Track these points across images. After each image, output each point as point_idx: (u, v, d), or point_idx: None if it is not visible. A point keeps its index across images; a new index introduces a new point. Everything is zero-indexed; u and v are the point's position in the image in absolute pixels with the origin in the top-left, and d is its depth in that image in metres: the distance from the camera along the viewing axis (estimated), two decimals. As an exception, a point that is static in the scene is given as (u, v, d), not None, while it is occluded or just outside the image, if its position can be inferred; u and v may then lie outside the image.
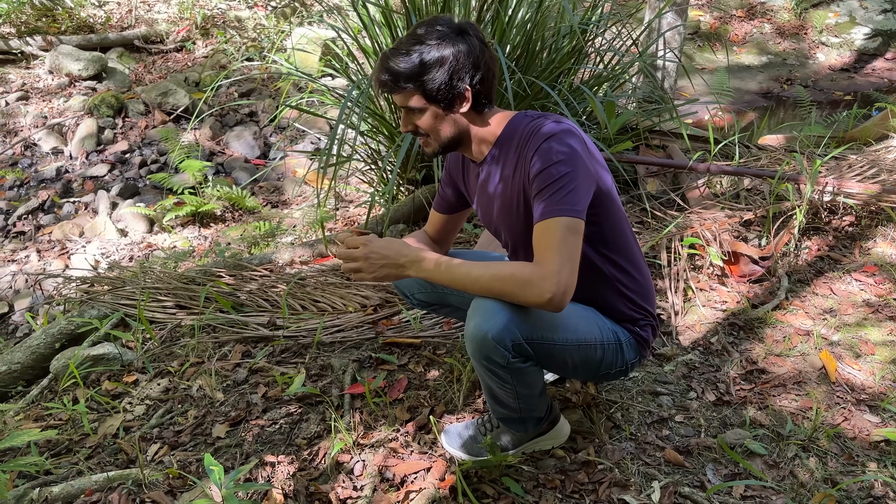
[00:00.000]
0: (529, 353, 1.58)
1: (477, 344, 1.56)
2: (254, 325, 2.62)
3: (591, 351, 1.68)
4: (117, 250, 4.21)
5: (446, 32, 1.56)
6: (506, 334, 1.52)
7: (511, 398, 1.71)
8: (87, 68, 6.25)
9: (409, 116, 1.63)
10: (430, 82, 1.56)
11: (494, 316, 1.52)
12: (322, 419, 2.13)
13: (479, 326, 1.54)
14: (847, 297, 2.75)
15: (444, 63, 1.55)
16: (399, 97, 1.60)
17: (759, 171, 3.35)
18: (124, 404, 2.30)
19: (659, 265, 2.86)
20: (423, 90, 1.57)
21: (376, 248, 1.60)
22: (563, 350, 1.63)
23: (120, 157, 5.45)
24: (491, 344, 1.53)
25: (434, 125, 1.62)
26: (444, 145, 1.66)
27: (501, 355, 1.55)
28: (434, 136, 1.64)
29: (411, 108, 1.60)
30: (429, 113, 1.60)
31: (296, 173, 5.15)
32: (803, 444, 1.98)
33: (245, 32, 7.18)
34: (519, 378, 1.63)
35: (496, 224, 1.78)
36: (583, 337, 1.66)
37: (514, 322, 1.53)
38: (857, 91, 7.51)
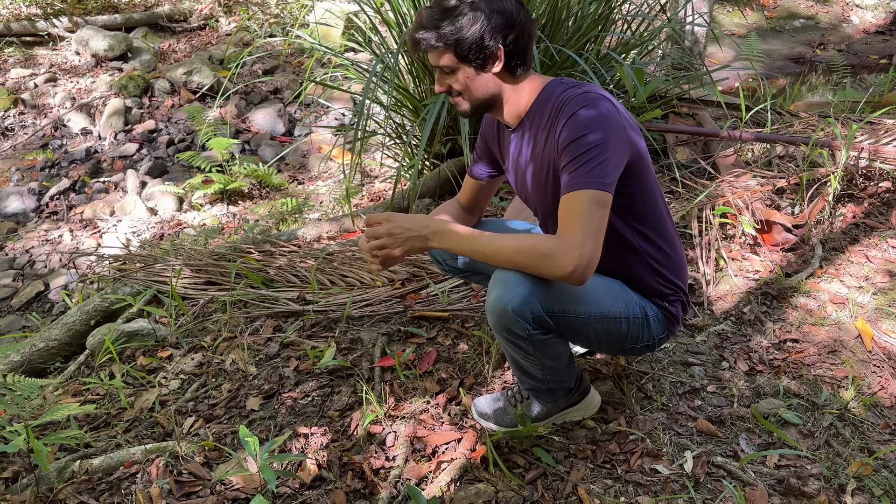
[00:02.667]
0: (550, 326, 1.57)
1: (497, 316, 1.55)
2: (284, 300, 2.64)
3: (615, 325, 1.66)
4: (147, 228, 4.27)
5: None
6: (526, 307, 1.52)
7: (537, 369, 1.70)
8: (112, 48, 6.29)
9: (442, 76, 1.63)
10: (462, 41, 1.54)
11: (515, 288, 1.52)
12: (353, 391, 2.14)
13: (499, 298, 1.53)
14: (883, 264, 2.69)
15: (477, 21, 1.53)
16: (433, 56, 1.59)
17: (792, 137, 3.28)
18: (159, 379, 2.34)
19: (690, 235, 2.82)
20: (455, 49, 1.56)
21: (399, 223, 1.60)
22: (585, 323, 1.62)
23: (147, 136, 5.50)
24: (511, 316, 1.53)
25: (466, 85, 1.60)
26: (476, 106, 1.65)
27: (522, 327, 1.54)
28: (467, 95, 1.63)
29: (444, 67, 1.59)
30: (461, 72, 1.59)
31: (321, 149, 5.16)
32: (839, 413, 1.95)
33: (268, 8, 7.17)
34: (542, 350, 1.62)
35: (528, 192, 1.76)
36: (606, 310, 1.64)
37: (535, 294, 1.52)
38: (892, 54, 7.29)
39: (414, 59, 3.52)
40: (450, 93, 1.65)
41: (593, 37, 3.53)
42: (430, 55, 1.60)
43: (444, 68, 1.60)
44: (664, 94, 3.85)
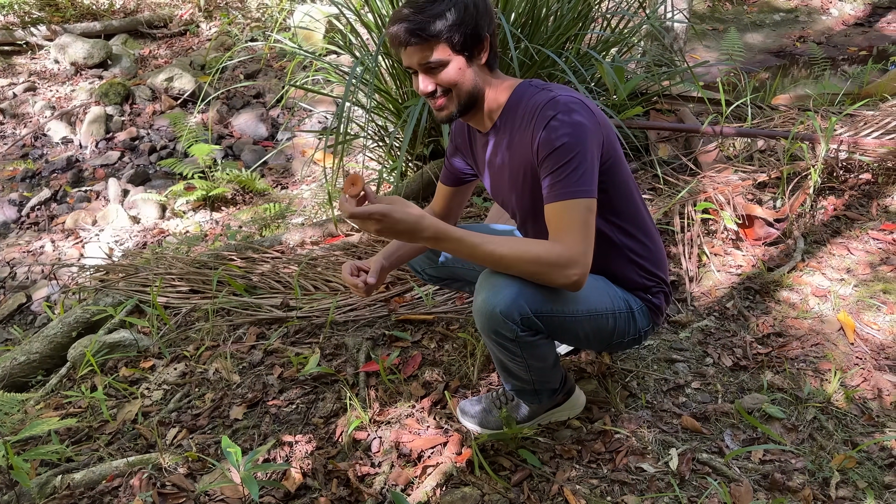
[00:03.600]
0: (539, 327, 1.57)
1: (485, 318, 1.55)
2: (267, 307, 2.63)
3: (602, 321, 1.66)
4: (130, 237, 4.23)
5: None
6: (514, 308, 1.51)
7: (523, 371, 1.70)
8: (92, 56, 6.24)
9: (429, 74, 1.55)
10: (459, 27, 1.50)
11: (502, 290, 1.51)
12: (338, 398, 2.13)
13: (487, 301, 1.53)
14: (864, 256, 2.71)
15: (468, 7, 1.51)
16: (422, 50, 1.51)
17: (772, 131, 3.29)
18: (142, 390, 2.32)
19: (672, 231, 2.83)
20: (450, 38, 1.51)
21: (393, 222, 1.46)
22: (573, 321, 1.62)
23: (129, 143, 5.46)
24: (499, 318, 1.52)
25: (457, 78, 1.54)
26: (463, 105, 1.59)
27: (510, 329, 1.54)
28: (456, 90, 1.56)
29: (434, 62, 1.52)
30: (453, 64, 1.53)
31: (304, 153, 5.14)
32: (822, 407, 1.96)
33: (248, 13, 7.13)
34: (529, 351, 1.62)
35: (504, 195, 1.75)
36: (593, 307, 1.64)
37: (523, 296, 1.52)
38: (872, 46, 7.35)
39: (395, 62, 3.51)
40: (433, 95, 1.57)
41: (573, 35, 3.53)
42: (420, 49, 1.51)
43: (433, 63, 1.52)
44: (645, 91, 3.85)
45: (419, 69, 1.55)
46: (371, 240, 3.10)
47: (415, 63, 1.54)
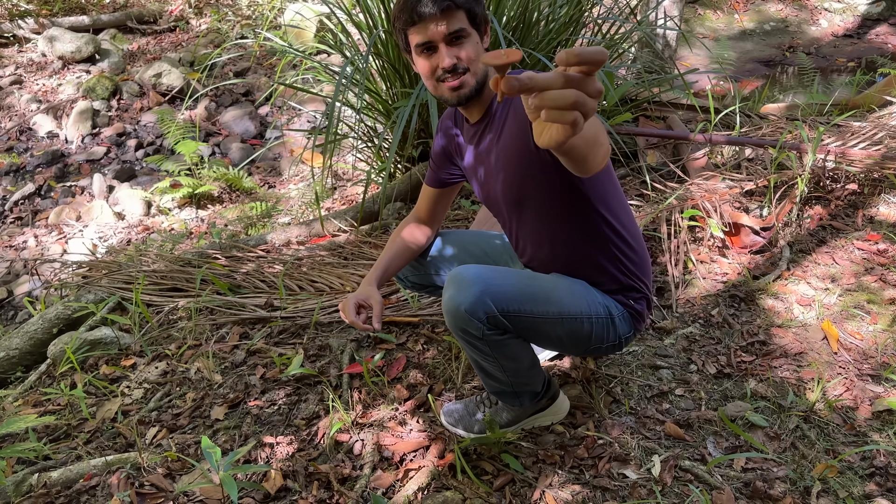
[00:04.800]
0: (506, 326, 1.55)
1: (451, 316, 1.54)
2: (251, 307, 2.60)
3: (576, 324, 1.64)
4: (114, 234, 4.19)
5: None
6: (478, 307, 1.50)
7: (498, 371, 1.69)
8: (80, 50, 6.19)
9: (451, 46, 1.53)
10: (476, 5, 1.51)
11: (468, 287, 1.50)
12: (321, 399, 2.12)
13: (452, 298, 1.52)
14: (849, 265, 2.72)
15: None
16: (448, 19, 1.50)
17: (760, 140, 3.31)
18: (122, 388, 2.29)
19: (659, 238, 2.83)
20: (470, 9, 1.51)
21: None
22: (544, 323, 1.60)
23: (116, 139, 5.42)
24: (464, 316, 1.51)
25: (478, 53, 1.54)
26: (479, 82, 1.57)
27: (476, 327, 1.53)
28: (474, 67, 1.55)
29: (459, 31, 1.51)
30: (473, 38, 1.54)
31: (293, 152, 5.11)
32: (805, 416, 1.96)
33: (239, 10, 7.10)
34: (499, 350, 1.61)
35: (491, 187, 1.71)
36: (566, 310, 1.62)
37: (488, 294, 1.50)
38: (860, 57, 7.41)
39: (385, 62, 3.50)
40: (454, 71, 1.54)
41: (564, 40, 3.53)
42: (445, 18, 1.50)
43: (456, 33, 1.51)
44: (635, 98, 3.86)
45: (443, 41, 1.52)
46: (358, 240, 3.09)
47: (439, 33, 1.50)
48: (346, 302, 1.75)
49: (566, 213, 1.61)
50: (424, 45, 1.54)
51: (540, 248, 1.72)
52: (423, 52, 1.56)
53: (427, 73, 1.57)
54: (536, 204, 1.61)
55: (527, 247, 1.75)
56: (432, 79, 1.58)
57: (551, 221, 1.64)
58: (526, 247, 1.75)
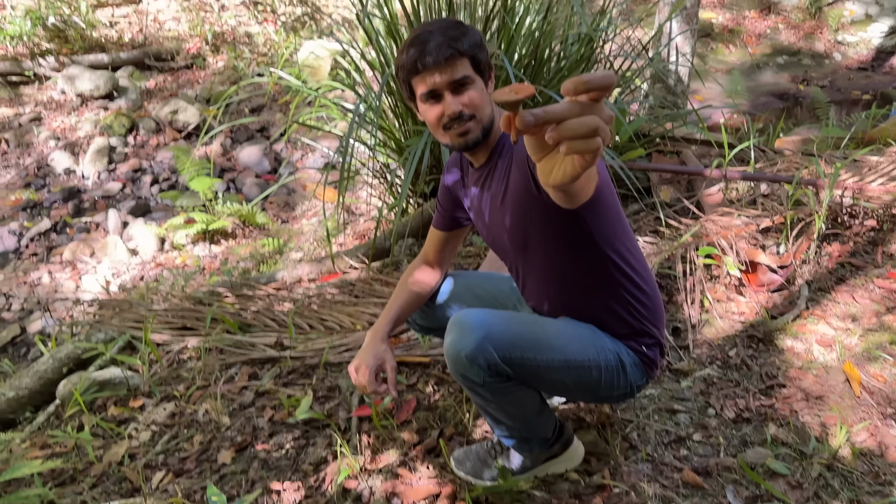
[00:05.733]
0: (508, 373, 1.51)
1: (452, 362, 1.51)
2: (261, 346, 2.58)
3: (584, 372, 1.59)
4: (128, 269, 4.21)
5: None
6: (479, 353, 1.46)
7: (504, 417, 1.64)
8: (98, 88, 6.28)
9: (455, 94, 1.53)
10: (478, 49, 1.52)
11: (470, 333, 1.47)
12: (329, 443, 2.08)
13: (453, 343, 1.49)
14: (870, 304, 2.66)
15: (480, 35, 1.55)
16: (452, 67, 1.50)
17: (775, 176, 3.27)
18: (130, 430, 2.26)
19: (674, 276, 2.78)
20: (473, 56, 1.52)
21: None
22: (549, 370, 1.55)
23: (131, 175, 5.47)
24: (465, 362, 1.48)
25: (482, 98, 1.54)
26: (485, 127, 1.57)
27: (477, 374, 1.49)
28: (480, 114, 1.55)
29: (463, 78, 1.51)
30: (477, 84, 1.54)
31: (306, 188, 5.13)
32: (828, 463, 1.90)
33: (255, 48, 7.20)
34: (502, 397, 1.56)
35: (495, 231, 1.68)
36: (573, 357, 1.57)
37: (490, 339, 1.46)
38: (875, 90, 7.38)
39: (398, 101, 3.51)
40: (460, 118, 1.54)
41: (576, 77, 3.53)
42: (449, 66, 1.50)
43: (460, 80, 1.51)
44: (647, 133, 3.85)
45: (447, 88, 1.52)
46: (369, 277, 3.07)
47: (444, 82, 1.51)
48: (362, 367, 1.72)
49: (572, 256, 1.57)
50: (429, 94, 1.54)
51: (547, 292, 1.68)
52: (428, 101, 1.56)
53: (433, 121, 1.56)
54: (541, 247, 1.59)
55: (533, 291, 1.72)
56: (438, 127, 1.57)
57: (557, 264, 1.61)
58: (532, 291, 1.72)
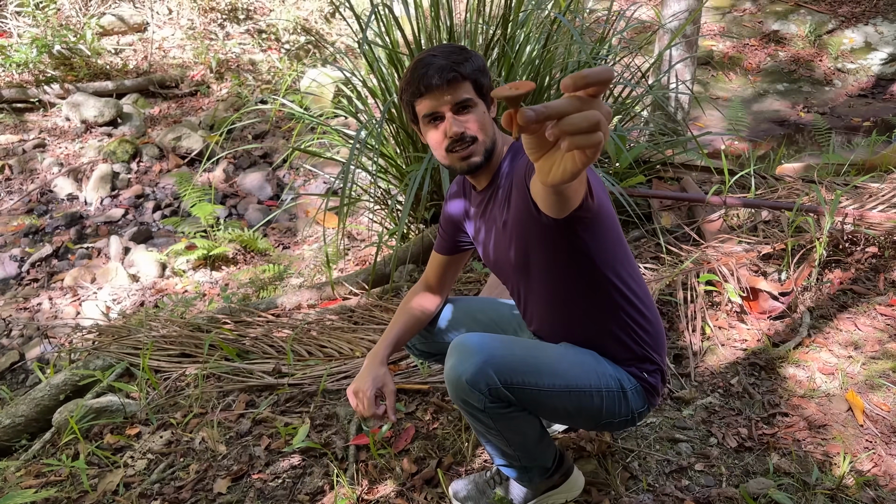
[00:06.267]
0: (509, 399, 1.49)
1: (452, 386, 1.49)
2: (259, 373, 2.56)
3: (585, 399, 1.57)
4: (128, 295, 4.20)
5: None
6: (480, 378, 1.45)
7: (503, 445, 1.62)
8: (102, 114, 6.33)
9: (458, 117, 1.55)
10: (481, 73, 1.55)
11: (470, 357, 1.45)
12: (326, 472, 2.05)
13: (454, 368, 1.47)
14: (873, 332, 2.64)
15: (483, 60, 1.58)
16: (455, 90, 1.53)
17: (776, 202, 3.27)
18: (125, 459, 2.24)
19: (675, 303, 2.77)
20: (476, 80, 1.54)
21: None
22: (550, 396, 1.53)
23: (134, 201, 5.48)
24: (465, 387, 1.46)
25: (484, 121, 1.56)
26: (488, 150, 1.58)
27: (478, 399, 1.47)
28: (482, 136, 1.56)
29: (466, 100, 1.53)
30: (479, 108, 1.56)
31: (308, 213, 5.14)
32: (831, 494, 1.87)
33: (259, 75, 7.26)
34: (503, 423, 1.54)
35: (498, 255, 1.68)
36: (574, 383, 1.56)
37: (491, 364, 1.45)
38: (875, 117, 7.40)
39: (399, 127, 3.53)
40: (461, 140, 1.56)
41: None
42: (452, 89, 1.52)
43: (462, 103, 1.53)
44: (648, 160, 3.86)
45: (450, 110, 1.54)
46: (369, 304, 3.06)
47: (446, 104, 1.53)
48: (361, 391, 1.71)
49: (573, 279, 1.57)
50: (432, 116, 1.55)
51: (548, 316, 1.67)
52: (430, 123, 1.57)
53: (435, 143, 1.58)
54: (543, 270, 1.58)
55: (535, 314, 1.71)
56: (441, 149, 1.58)
57: (558, 287, 1.60)
58: (534, 314, 1.71)
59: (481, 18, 3.42)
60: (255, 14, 7.94)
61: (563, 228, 1.45)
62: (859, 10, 9.13)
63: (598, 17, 4.12)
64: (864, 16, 9.02)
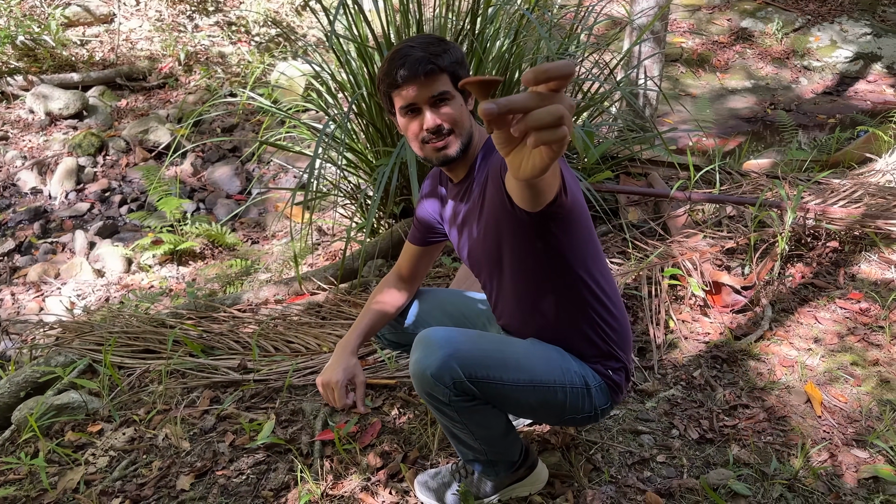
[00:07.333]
0: (474, 392, 1.50)
1: (417, 380, 1.50)
2: (224, 369, 2.54)
3: (549, 394, 1.59)
4: (93, 291, 4.14)
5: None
6: (445, 371, 1.45)
7: (470, 439, 1.63)
8: (68, 107, 6.22)
9: (435, 109, 1.54)
10: (459, 66, 1.54)
11: (435, 351, 1.46)
12: (290, 468, 2.04)
13: (418, 361, 1.48)
14: (832, 325, 2.69)
15: (461, 52, 1.57)
16: (431, 83, 1.52)
17: (740, 198, 3.32)
18: (87, 456, 2.21)
19: (640, 297, 2.80)
20: (453, 72, 1.53)
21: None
22: (514, 391, 1.54)
23: (100, 195, 5.40)
24: (430, 381, 1.47)
25: (461, 114, 1.56)
26: (464, 143, 1.58)
27: (442, 393, 1.48)
28: (458, 129, 1.56)
29: (443, 93, 1.53)
30: (456, 100, 1.55)
31: (277, 208, 5.10)
32: (789, 484, 1.90)
33: (228, 68, 7.18)
34: (468, 417, 1.55)
35: (471, 247, 1.68)
36: (539, 378, 1.57)
37: (456, 358, 1.45)
38: (840, 114, 7.54)
39: (368, 122, 3.51)
40: (439, 132, 1.55)
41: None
42: (429, 81, 1.52)
43: (442, 94, 1.53)
44: (616, 155, 3.88)
45: (426, 103, 1.53)
46: (337, 299, 3.05)
47: (423, 97, 1.52)
48: (331, 381, 1.70)
49: (544, 275, 1.58)
50: (408, 108, 1.55)
51: (518, 310, 1.68)
52: (407, 114, 1.57)
53: (411, 135, 1.58)
54: (514, 263, 1.59)
55: (505, 308, 1.71)
56: (417, 141, 1.58)
57: (529, 282, 1.61)
58: (504, 308, 1.72)
59: (451, 13, 3.42)
60: (225, 6, 7.85)
61: (537, 223, 1.46)
62: (825, 9, 9.28)
63: (567, 13, 4.13)
64: (829, 14, 9.18)
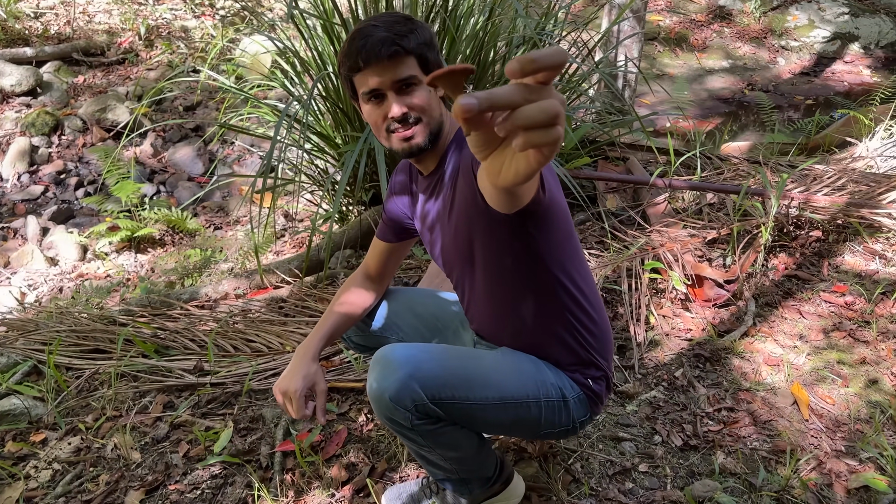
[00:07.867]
0: (438, 414, 1.36)
1: (375, 404, 1.35)
2: (178, 372, 2.38)
3: (522, 409, 1.45)
4: (45, 281, 3.92)
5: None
6: (405, 393, 1.31)
7: (439, 459, 1.49)
8: (20, 83, 5.91)
9: (401, 95, 1.38)
10: (427, 48, 1.38)
11: (395, 371, 1.31)
12: (249, 483, 1.90)
13: (376, 383, 1.33)
14: (817, 320, 2.60)
15: (431, 32, 1.41)
16: (397, 66, 1.36)
17: (722, 185, 3.20)
18: (28, 469, 2.04)
19: (619, 291, 2.68)
20: (421, 55, 1.37)
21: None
22: (483, 409, 1.40)
23: (55, 177, 5.14)
24: (389, 404, 1.32)
25: (429, 101, 1.40)
26: (433, 132, 1.42)
27: (403, 417, 1.33)
28: (427, 117, 1.40)
29: (409, 78, 1.37)
30: (424, 85, 1.38)
31: (242, 191, 4.90)
32: (777, 496, 1.80)
33: (192, 43, 6.89)
34: (433, 440, 1.41)
35: (442, 243, 1.55)
36: (509, 394, 1.43)
37: (417, 379, 1.31)
38: (817, 95, 7.48)
39: (335, 104, 3.33)
40: (405, 120, 1.40)
41: (520, 81, 3.40)
42: (394, 65, 1.36)
43: (408, 79, 1.37)
44: (594, 140, 3.75)
45: (391, 88, 1.37)
46: (301, 293, 2.89)
47: (387, 81, 1.36)
48: (289, 390, 1.55)
49: (519, 275, 1.44)
50: (372, 93, 1.39)
51: (491, 313, 1.55)
52: (370, 101, 1.40)
53: (375, 123, 1.41)
54: (487, 263, 1.44)
55: (478, 311, 1.58)
56: (381, 129, 1.42)
57: (503, 284, 1.47)
58: (477, 311, 1.58)
59: (421, -12, 3.23)
60: (188, -22, 7.53)
61: (512, 222, 1.32)
62: (802, -12, 9.18)
63: (543, -10, 3.97)
64: (806, -7, 9.08)
